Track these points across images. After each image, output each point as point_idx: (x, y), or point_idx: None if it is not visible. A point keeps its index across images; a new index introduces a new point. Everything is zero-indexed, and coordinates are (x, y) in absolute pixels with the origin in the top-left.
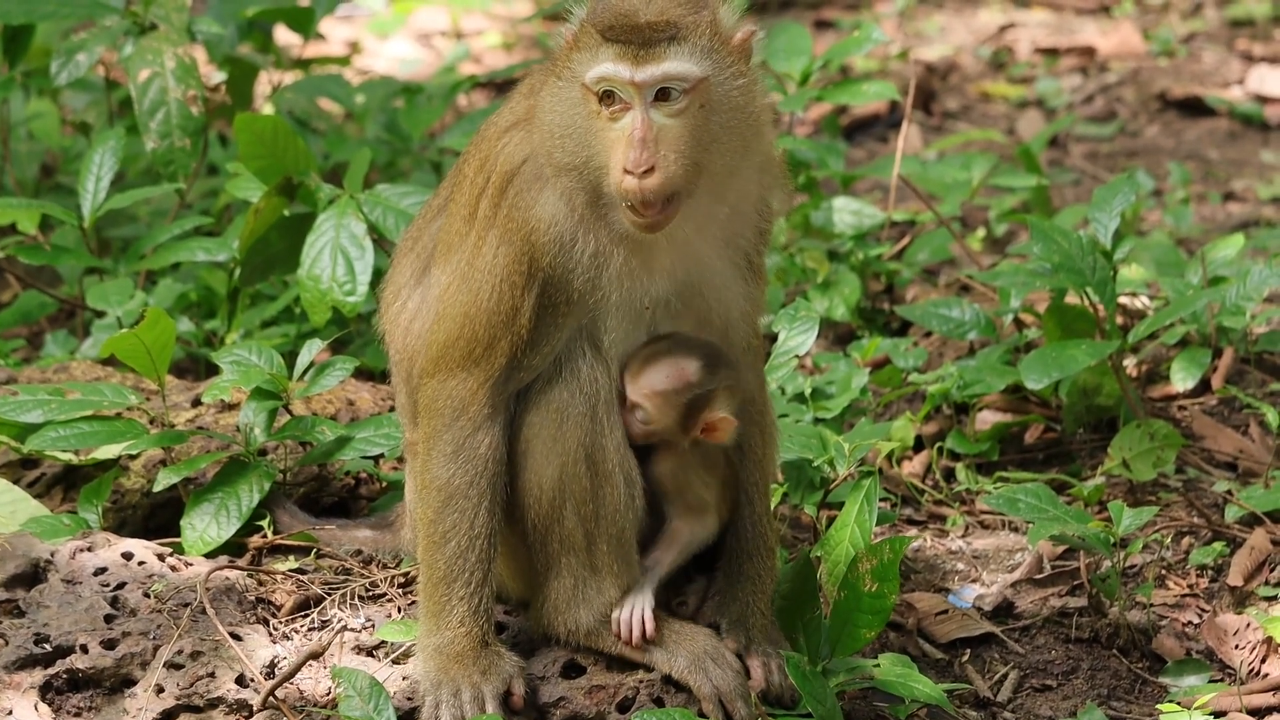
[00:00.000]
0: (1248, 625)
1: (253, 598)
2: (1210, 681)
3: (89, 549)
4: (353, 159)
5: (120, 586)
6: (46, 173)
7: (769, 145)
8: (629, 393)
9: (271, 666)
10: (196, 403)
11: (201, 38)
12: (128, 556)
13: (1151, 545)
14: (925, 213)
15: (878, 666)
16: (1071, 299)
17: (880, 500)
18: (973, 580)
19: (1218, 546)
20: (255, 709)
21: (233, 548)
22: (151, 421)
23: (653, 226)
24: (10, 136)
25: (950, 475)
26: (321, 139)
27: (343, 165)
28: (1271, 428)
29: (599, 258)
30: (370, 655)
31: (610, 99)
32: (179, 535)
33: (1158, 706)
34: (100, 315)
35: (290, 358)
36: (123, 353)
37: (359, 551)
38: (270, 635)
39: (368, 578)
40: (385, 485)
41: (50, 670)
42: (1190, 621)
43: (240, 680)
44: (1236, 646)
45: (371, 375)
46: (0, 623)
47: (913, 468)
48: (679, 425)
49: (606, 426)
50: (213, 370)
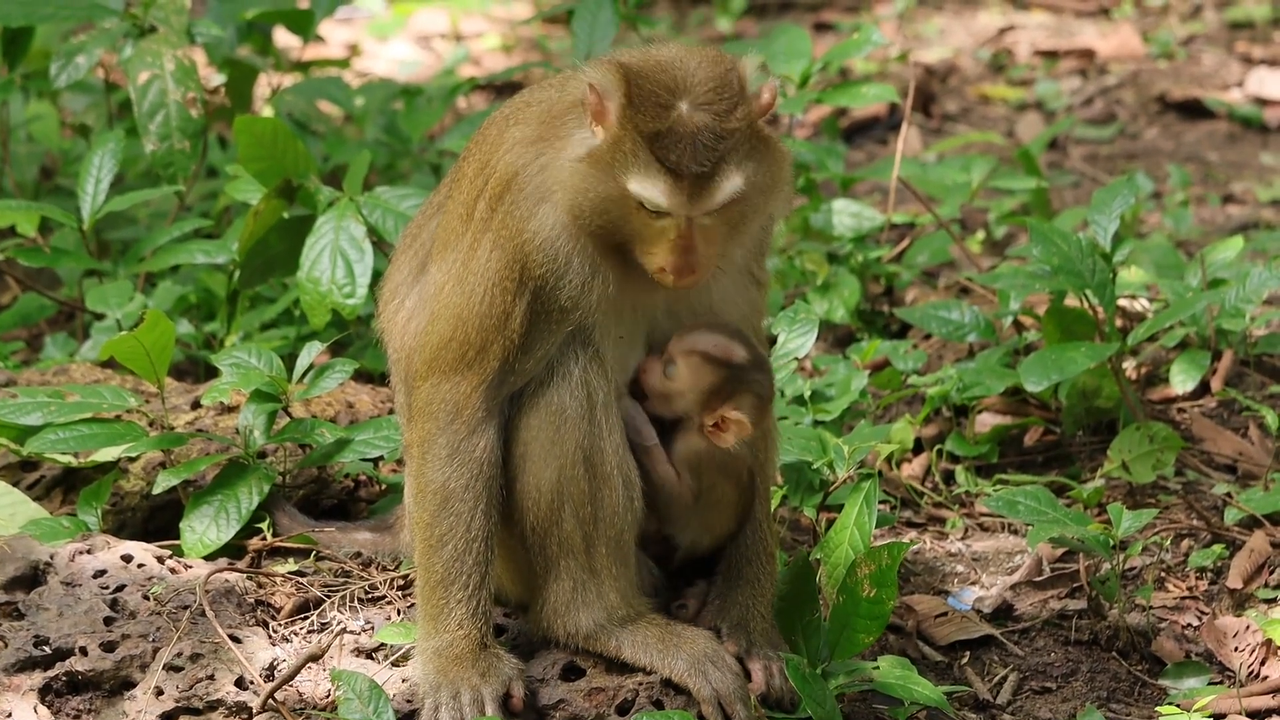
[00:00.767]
0: (1247, 627)
1: (252, 600)
2: (1210, 684)
3: (88, 551)
4: (352, 161)
5: (120, 589)
6: (46, 175)
7: (787, 178)
8: (670, 346)
9: (271, 669)
10: (196, 405)
11: (201, 40)
12: (127, 559)
13: (1151, 548)
14: (925, 215)
15: (877, 669)
16: (1071, 301)
17: (880, 503)
18: (972, 582)
19: (1217, 549)
20: (255, 711)
21: (232, 550)
22: (151, 424)
23: (682, 289)
24: (10, 139)
25: (950, 477)
26: (321, 141)
27: (342, 167)
28: (1271, 430)
29: (595, 276)
30: (370, 658)
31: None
32: (178, 538)
33: (1157, 709)
34: (100, 318)
35: (290, 360)
36: (122, 355)
37: (358, 554)
38: (270, 637)
39: (367, 580)
40: (385, 487)
41: (50, 672)
42: (1190, 624)
43: (240, 682)
44: (1236, 649)
45: (371, 377)
46: (0, 625)
47: (912, 470)
48: (699, 400)
49: (604, 429)
50: (212, 373)
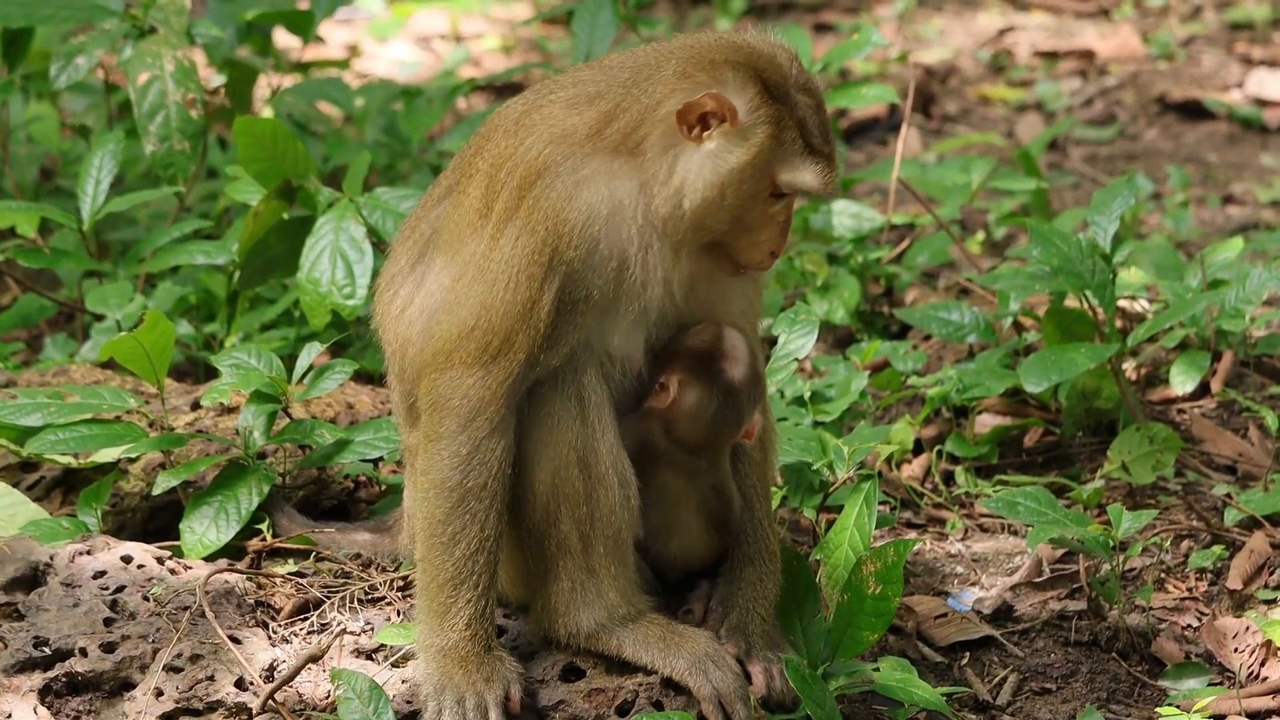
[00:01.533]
0: (1247, 628)
1: (252, 601)
2: (1209, 685)
3: (88, 552)
4: (352, 162)
5: (119, 590)
6: (46, 176)
7: None
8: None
9: (271, 669)
10: (196, 406)
11: (201, 41)
12: (127, 560)
13: (1151, 548)
14: (924, 216)
15: (877, 670)
16: (1071, 302)
17: (880, 503)
18: (972, 583)
19: (1217, 550)
20: (255, 712)
21: (232, 551)
22: (151, 425)
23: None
24: (10, 140)
25: (949, 478)
26: (321, 142)
27: (342, 168)
28: (1271, 431)
29: (623, 269)
30: (369, 658)
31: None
32: (178, 538)
33: (1157, 710)
34: (99, 318)
35: (290, 361)
36: (122, 356)
37: (358, 555)
38: (269, 638)
39: (367, 581)
40: (384, 488)
41: (49, 673)
42: (1189, 625)
43: (240, 683)
44: (1236, 650)
45: (371, 378)
46: (0, 626)
47: (912, 471)
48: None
49: (598, 429)
50: (212, 373)
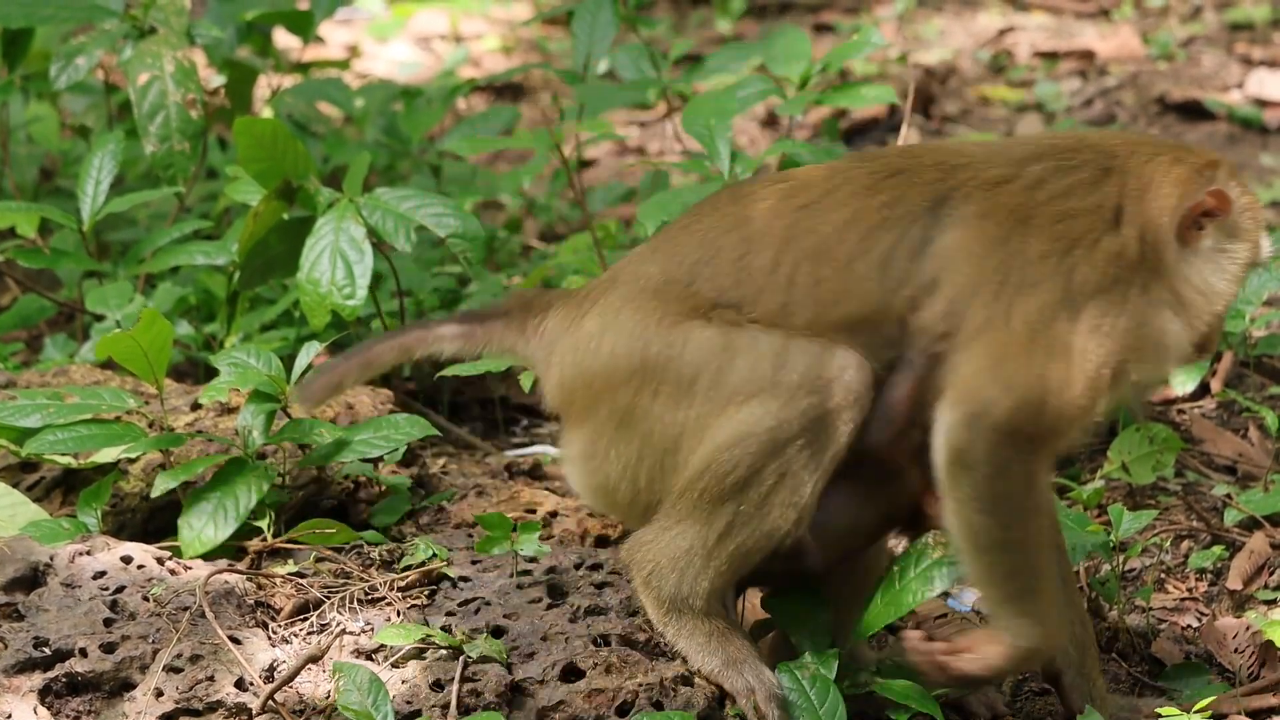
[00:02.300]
0: (1247, 629)
1: (252, 601)
2: (1209, 685)
3: (88, 552)
4: (352, 162)
5: (119, 590)
6: (46, 176)
7: None
8: None
9: (271, 670)
10: (196, 406)
11: (201, 41)
12: (127, 560)
13: (1151, 549)
14: None
15: (877, 674)
16: None
17: None
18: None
19: (1217, 550)
20: (255, 712)
21: (231, 551)
22: (150, 425)
23: None
24: (9, 140)
25: None
26: (321, 142)
27: (342, 169)
28: (1271, 431)
29: None
30: (369, 658)
31: None
32: (178, 538)
33: (1157, 710)
34: (99, 319)
35: (289, 361)
36: (119, 354)
37: (358, 555)
38: (269, 639)
39: (367, 581)
40: (384, 488)
41: (49, 674)
42: (1189, 625)
43: (239, 684)
44: (1236, 650)
45: (370, 378)
46: (0, 626)
47: None
48: None
49: (827, 464)
50: (212, 374)
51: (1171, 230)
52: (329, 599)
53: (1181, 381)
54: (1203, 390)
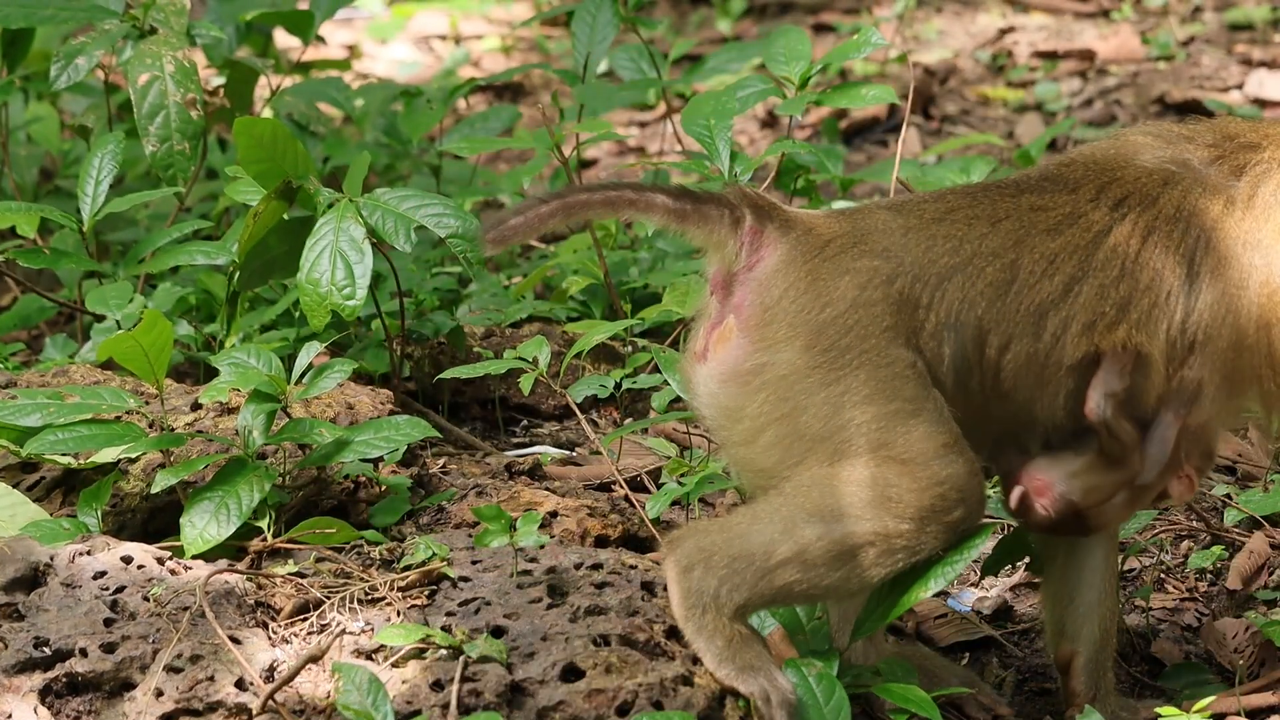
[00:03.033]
0: (1247, 629)
1: (252, 601)
2: (1209, 685)
3: (88, 552)
4: (352, 163)
5: (120, 590)
6: (46, 176)
7: None
8: None
9: (271, 670)
10: (196, 406)
11: (201, 41)
12: (127, 560)
13: (1150, 549)
14: None
15: (878, 674)
16: None
17: None
18: (972, 584)
19: (1216, 550)
20: (255, 712)
21: (232, 551)
22: (151, 425)
23: None
24: (9, 140)
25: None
26: (321, 143)
27: (342, 169)
28: (1271, 431)
29: None
30: (369, 658)
31: None
32: (178, 538)
33: (1156, 710)
34: (99, 319)
35: (289, 361)
36: (120, 355)
37: (358, 555)
38: (269, 639)
39: (367, 581)
40: (384, 489)
41: (49, 674)
42: (1189, 625)
43: (240, 683)
44: (1236, 650)
45: (370, 379)
46: (0, 626)
47: None
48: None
49: (907, 558)
50: (212, 374)
51: None
52: (329, 599)
53: None
54: None
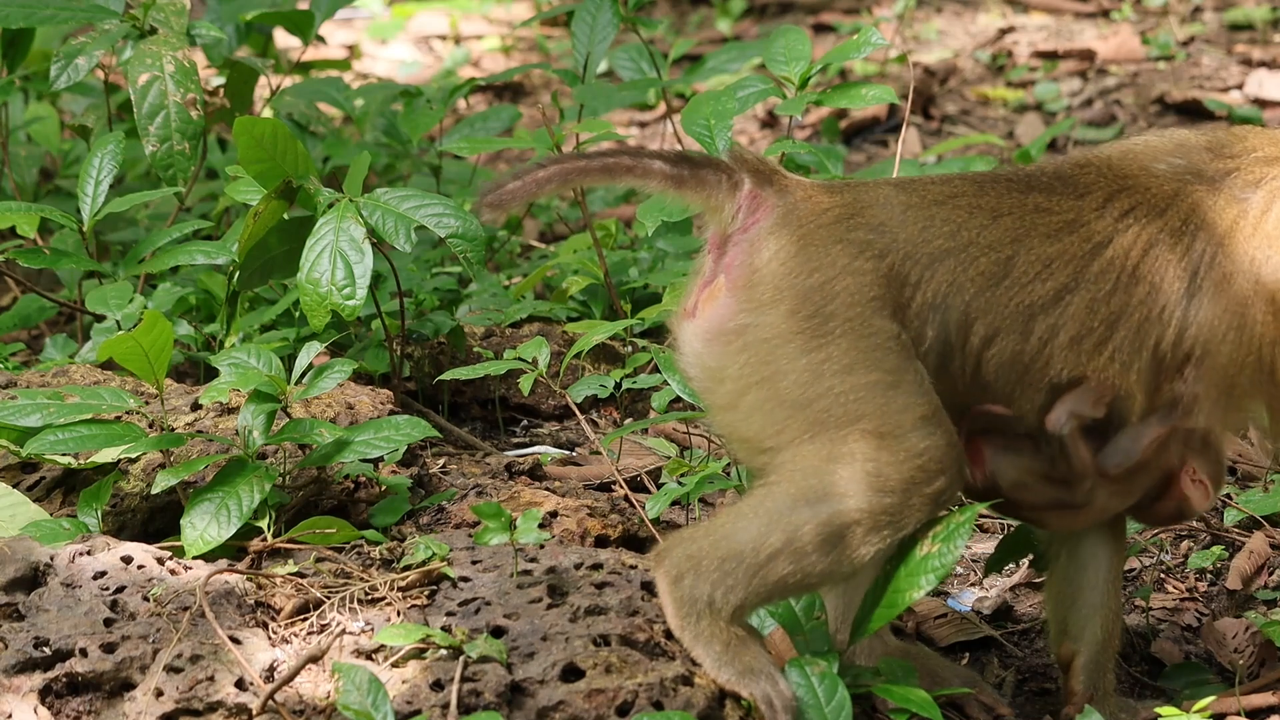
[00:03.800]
0: (1247, 629)
1: (252, 601)
2: (1209, 685)
3: (88, 553)
4: (352, 163)
5: (120, 590)
6: (46, 176)
7: None
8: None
9: (271, 670)
10: (196, 406)
11: (201, 41)
12: (127, 560)
13: (1150, 549)
14: None
15: (878, 674)
16: None
17: None
18: (972, 584)
19: (1216, 550)
20: (255, 712)
21: (232, 551)
22: (151, 425)
23: None
24: (9, 140)
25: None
26: (321, 143)
27: (342, 169)
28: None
29: None
30: (369, 658)
31: None
32: (178, 539)
33: (1156, 710)
34: (99, 319)
35: (290, 361)
36: (120, 355)
37: (358, 555)
38: (270, 639)
39: (367, 581)
40: (384, 489)
41: (50, 674)
42: (1189, 625)
43: (240, 684)
44: (1236, 650)
45: (371, 379)
46: (0, 626)
47: None
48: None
49: (896, 532)
50: (212, 374)
51: None
52: (329, 599)
53: None
54: None
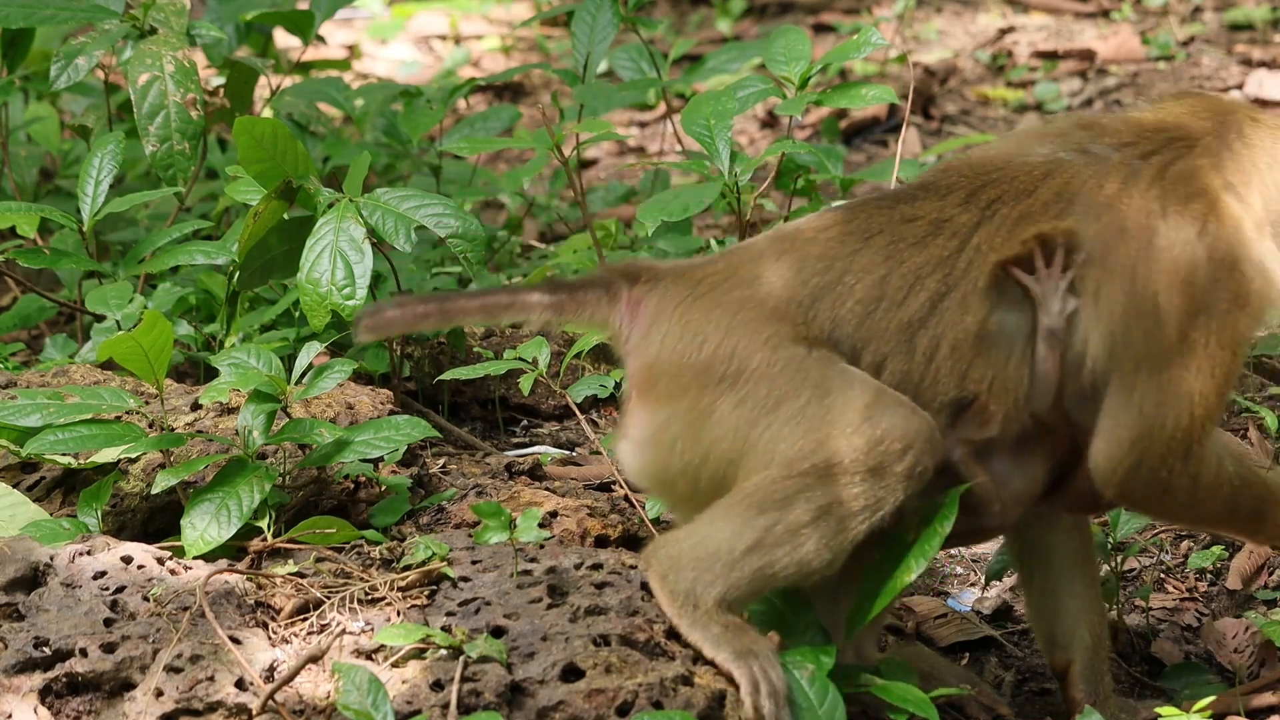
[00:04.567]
0: (1246, 629)
1: (252, 601)
2: (1209, 685)
3: (88, 553)
4: (352, 163)
5: (120, 590)
6: (46, 176)
7: None
8: None
9: (271, 670)
10: (196, 406)
11: (201, 41)
12: (127, 560)
13: (1150, 549)
14: None
15: (877, 674)
16: None
17: None
18: (972, 584)
19: (1216, 550)
20: (255, 712)
21: (232, 551)
22: (151, 425)
23: None
24: (9, 140)
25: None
26: (321, 143)
27: (342, 169)
28: (1270, 431)
29: None
30: (369, 659)
31: None
32: (178, 539)
33: (1156, 710)
34: (99, 319)
35: (289, 361)
36: (120, 356)
37: (358, 554)
38: (269, 639)
39: (367, 581)
40: (384, 489)
41: (49, 674)
42: (1189, 625)
43: (240, 683)
44: (1236, 650)
45: (370, 379)
46: (0, 626)
47: None
48: None
49: (876, 514)
50: (212, 374)
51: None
52: (329, 599)
53: None
54: None
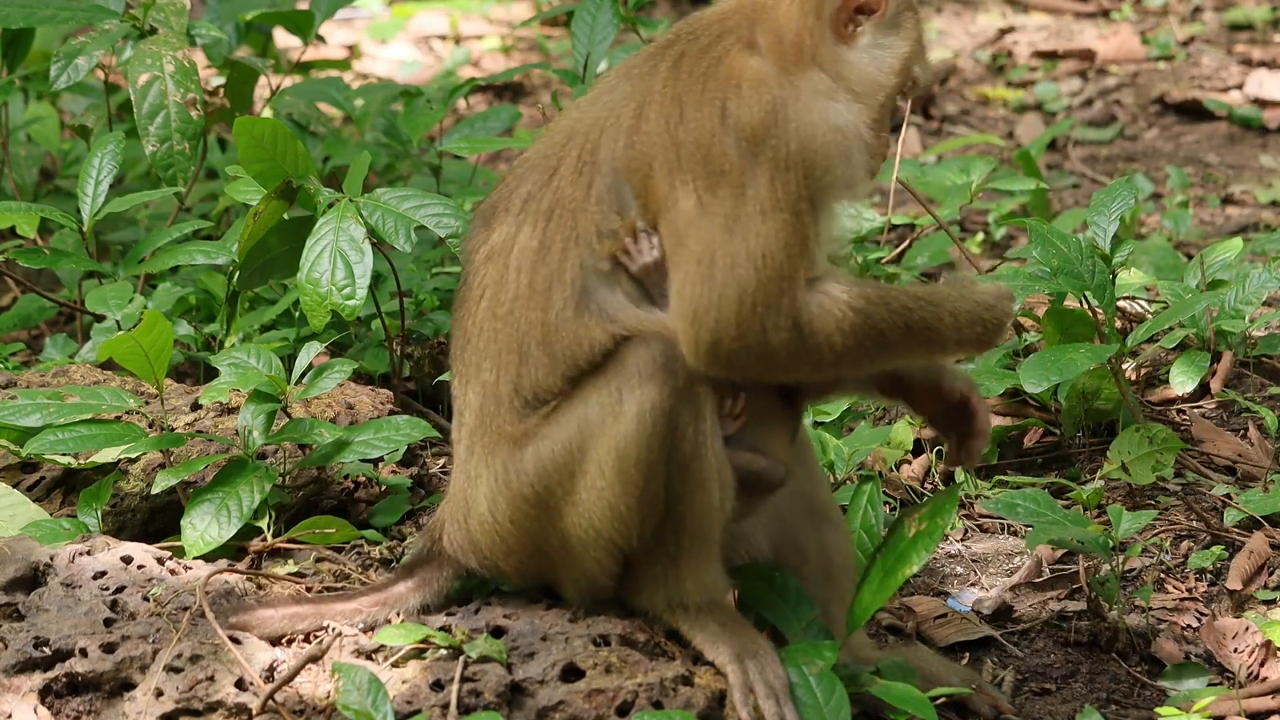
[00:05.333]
0: (1246, 629)
1: (252, 601)
2: (1209, 685)
3: (88, 553)
4: (352, 162)
5: (120, 590)
6: (46, 176)
7: None
8: None
9: (270, 670)
10: (196, 406)
11: (201, 41)
12: (127, 560)
13: (1150, 549)
14: (924, 216)
15: (877, 674)
16: (1070, 303)
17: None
18: (972, 584)
19: (1216, 550)
20: (254, 712)
21: (232, 551)
22: (151, 425)
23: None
24: (9, 140)
25: (949, 479)
26: (321, 142)
27: (342, 169)
28: (1270, 431)
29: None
30: (369, 658)
31: None
32: (178, 539)
33: (1156, 710)
34: (99, 319)
35: (289, 361)
36: (120, 356)
37: (357, 554)
38: (269, 639)
39: (367, 582)
40: (384, 489)
41: (50, 674)
42: (1189, 625)
43: (239, 683)
44: (1235, 650)
45: (371, 379)
46: (0, 626)
47: (912, 471)
48: None
49: (709, 435)
50: (212, 374)
51: (825, 30)
52: None
53: (1181, 382)
54: (1202, 390)
